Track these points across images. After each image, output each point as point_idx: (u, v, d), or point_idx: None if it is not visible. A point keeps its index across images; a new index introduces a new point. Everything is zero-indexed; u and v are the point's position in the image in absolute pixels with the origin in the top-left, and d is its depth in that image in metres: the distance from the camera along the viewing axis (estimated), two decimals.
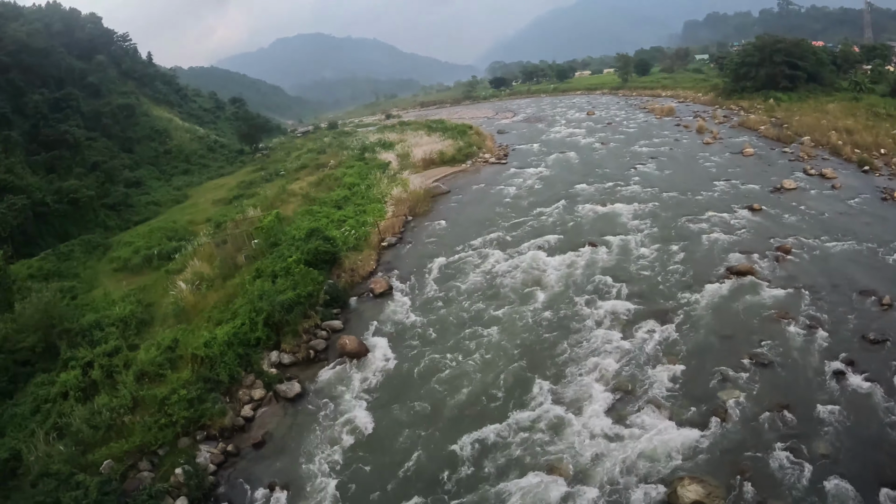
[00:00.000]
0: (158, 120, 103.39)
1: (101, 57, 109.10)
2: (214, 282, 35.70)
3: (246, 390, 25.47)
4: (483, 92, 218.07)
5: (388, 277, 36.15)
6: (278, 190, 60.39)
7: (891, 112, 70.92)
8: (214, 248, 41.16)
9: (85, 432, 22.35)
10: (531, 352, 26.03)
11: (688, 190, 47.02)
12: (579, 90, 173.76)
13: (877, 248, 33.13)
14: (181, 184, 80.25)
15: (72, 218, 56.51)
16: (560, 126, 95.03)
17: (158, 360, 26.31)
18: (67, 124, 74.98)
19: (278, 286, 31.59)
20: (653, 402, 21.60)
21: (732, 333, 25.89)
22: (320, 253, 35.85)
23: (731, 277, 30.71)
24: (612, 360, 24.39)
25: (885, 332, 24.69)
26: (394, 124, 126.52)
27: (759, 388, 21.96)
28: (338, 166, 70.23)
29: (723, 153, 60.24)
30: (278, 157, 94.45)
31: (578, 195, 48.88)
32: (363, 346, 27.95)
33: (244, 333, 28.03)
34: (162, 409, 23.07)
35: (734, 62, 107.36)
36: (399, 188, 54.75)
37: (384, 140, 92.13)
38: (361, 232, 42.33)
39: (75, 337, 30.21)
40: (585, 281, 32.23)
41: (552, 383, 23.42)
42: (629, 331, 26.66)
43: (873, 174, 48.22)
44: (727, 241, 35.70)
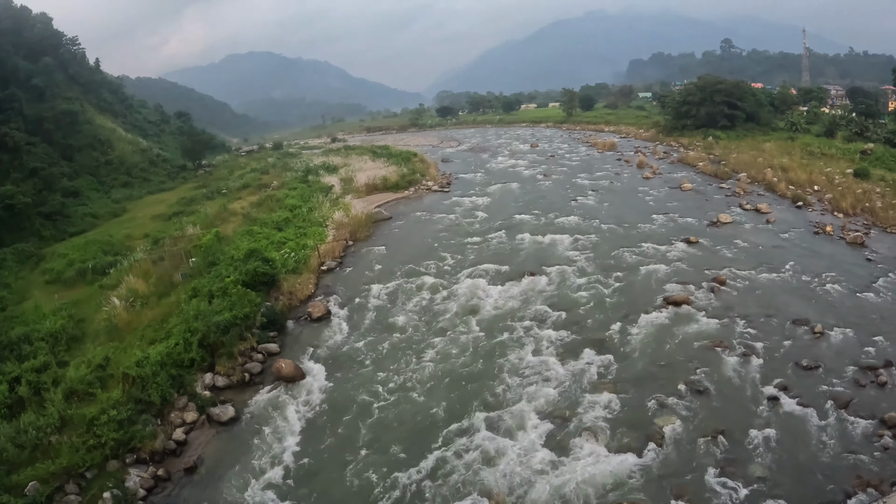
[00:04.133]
0: (101, 129, 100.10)
1: (49, 59, 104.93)
2: (149, 299, 34.72)
3: (178, 413, 24.62)
4: (429, 120, 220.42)
5: (327, 302, 35.73)
6: (219, 208, 59.43)
7: (825, 151, 74.35)
8: (151, 264, 40.20)
9: (10, 451, 21.15)
10: (469, 379, 26.02)
11: (627, 222, 48.11)
12: (524, 122, 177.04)
13: (809, 280, 34.53)
14: (120, 196, 77.75)
15: (6, 225, 53.97)
16: (504, 157, 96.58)
17: (88, 378, 25.21)
18: (8, 126, 71.97)
19: (215, 306, 30.77)
20: (590, 430, 21.74)
21: (669, 361, 26.43)
22: (259, 274, 35.20)
23: (667, 307, 31.43)
24: (549, 388, 24.56)
25: (817, 358, 25.67)
26: (339, 148, 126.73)
27: (696, 414, 22.42)
28: (280, 187, 69.73)
29: (662, 187, 61.90)
30: (221, 174, 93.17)
31: (519, 225, 49.48)
32: (299, 371, 27.50)
33: (178, 354, 27.12)
34: (91, 430, 21.99)
35: (676, 101, 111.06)
36: (341, 212, 54.53)
37: (328, 163, 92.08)
38: (301, 255, 41.85)
39: (2, 350, 28.90)
40: (524, 309, 32.50)
41: (489, 411, 23.40)
42: (567, 359, 26.90)
43: (807, 209, 50.25)
44: (664, 272, 36.60)
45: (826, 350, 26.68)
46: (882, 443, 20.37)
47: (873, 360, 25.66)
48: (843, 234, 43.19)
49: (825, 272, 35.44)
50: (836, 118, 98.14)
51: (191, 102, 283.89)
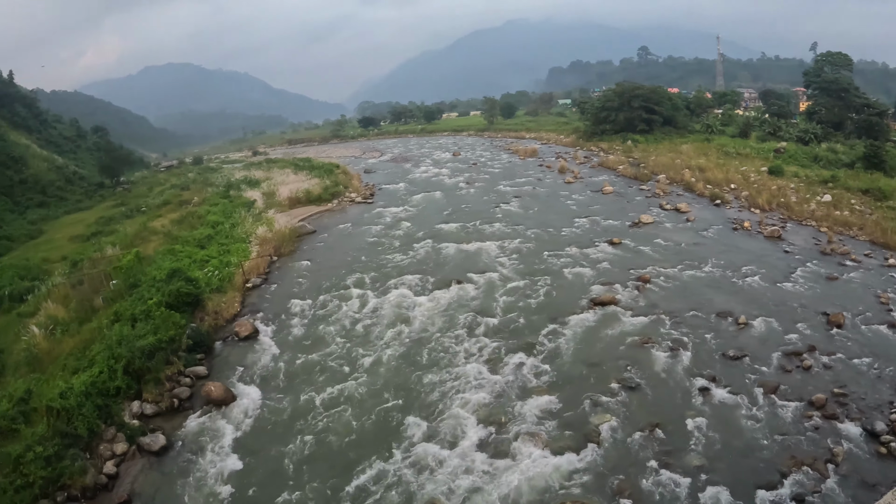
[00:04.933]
0: (15, 146, 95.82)
1: None
2: (70, 326, 33.11)
3: (107, 445, 23.55)
4: (351, 131, 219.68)
5: (254, 320, 35.09)
6: (139, 227, 57.66)
7: (740, 151, 78.79)
8: (70, 288, 38.54)
9: None
10: (402, 391, 26.07)
11: (551, 227, 49.12)
12: (446, 131, 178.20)
13: (730, 274, 36.26)
14: (36, 217, 74.56)
15: None
16: (426, 166, 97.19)
17: (10, 413, 23.83)
18: None
19: (138, 330, 29.58)
20: (527, 433, 22.12)
21: (600, 361, 27.17)
22: (182, 295, 34.15)
23: (594, 308, 32.34)
24: (483, 395, 24.87)
25: (743, 348, 27.07)
26: (261, 161, 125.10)
27: (630, 410, 23.15)
28: (202, 203, 68.20)
29: (584, 191, 63.55)
30: (140, 192, 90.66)
31: (444, 234, 49.91)
32: (230, 393, 26.90)
33: (103, 382, 25.98)
34: (17, 469, 20.84)
35: (595, 107, 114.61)
36: (264, 227, 53.87)
37: (250, 177, 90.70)
38: (225, 273, 41.01)
39: None
40: (453, 318, 32.83)
41: (426, 421, 23.53)
42: (499, 365, 27.31)
43: (725, 207, 52.74)
44: (590, 274, 37.61)
45: (751, 340, 28.11)
46: (812, 423, 21.77)
47: (797, 346, 27.37)
48: (760, 228, 45.47)
49: (745, 266, 37.28)
50: (749, 119, 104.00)
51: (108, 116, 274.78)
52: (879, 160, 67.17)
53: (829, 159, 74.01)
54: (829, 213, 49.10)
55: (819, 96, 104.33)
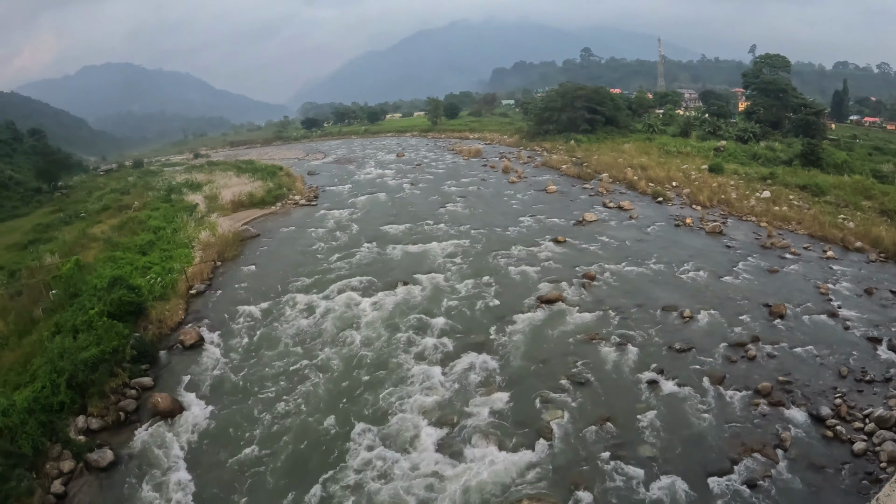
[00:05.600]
0: None
1: None
2: (9, 339, 32.04)
3: (54, 463, 22.79)
4: (294, 132, 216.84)
5: (199, 327, 34.37)
6: (78, 234, 55.90)
7: (681, 150, 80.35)
8: (8, 299, 37.37)
9: None
10: (353, 395, 26.00)
11: (496, 226, 49.44)
12: (390, 132, 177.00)
13: (674, 268, 37.19)
14: None
15: None
16: (370, 167, 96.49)
17: None
18: None
19: (80, 342, 28.70)
20: (479, 432, 22.34)
21: (548, 357, 27.57)
22: (124, 303, 33.17)
23: (542, 306, 32.77)
24: (434, 396, 25.03)
25: (688, 341, 27.91)
26: (202, 164, 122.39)
27: (581, 405, 23.59)
28: (142, 208, 66.36)
29: (528, 191, 64.11)
30: (79, 197, 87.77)
31: (389, 235, 49.83)
32: (177, 404, 26.35)
33: (46, 398, 25.10)
34: None
35: (538, 107, 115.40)
36: (207, 232, 52.96)
37: (192, 181, 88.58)
38: (168, 279, 40.08)
39: None
40: (401, 319, 32.85)
41: (378, 425, 23.49)
42: (448, 365, 27.48)
43: (667, 204, 53.85)
44: (536, 273, 38.03)
45: (696, 332, 28.96)
46: (759, 410, 22.80)
47: (741, 337, 28.37)
48: (702, 224, 46.64)
49: (688, 261, 38.24)
50: (690, 119, 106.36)
51: (45, 118, 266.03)
52: (816, 157, 70.08)
53: (767, 157, 76.47)
54: (768, 209, 50.73)
55: (757, 97, 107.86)
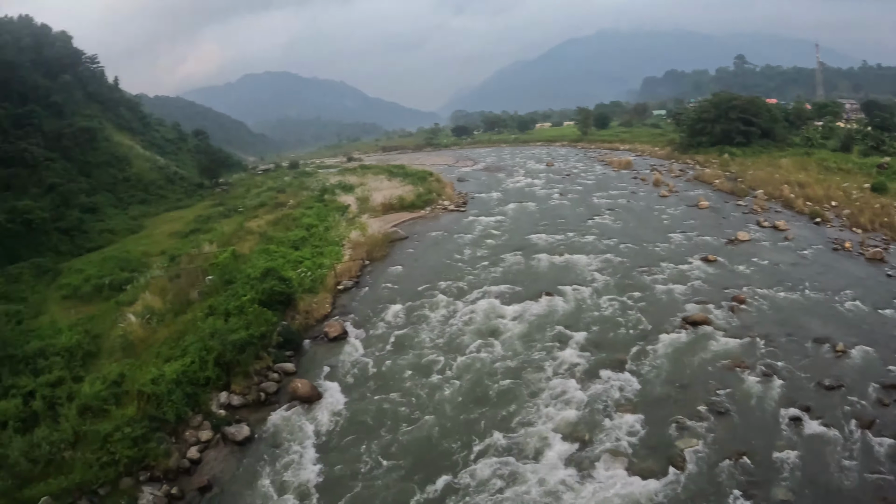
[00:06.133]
0: (119, 146, 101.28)
1: (68, 77, 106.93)
2: (165, 316, 34.54)
3: (193, 431, 24.43)
4: (445, 139, 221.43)
5: (343, 321, 35.42)
6: (236, 227, 59.70)
7: (841, 166, 74.02)
8: (168, 281, 40.06)
9: (22, 465, 21.15)
10: (487, 401, 25.64)
11: (644, 241, 47.73)
12: (539, 142, 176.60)
13: (830, 297, 34.11)
14: (138, 213, 78.21)
15: (23, 240, 54.47)
16: (519, 176, 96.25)
17: (103, 394, 25.17)
18: (27, 142, 73.07)
19: (231, 325, 30.60)
20: (610, 452, 21.38)
21: (689, 382, 26.05)
22: (275, 293, 35.05)
23: (686, 327, 31.03)
24: (569, 410, 24.20)
25: (839, 378, 25.21)
26: (355, 167, 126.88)
27: (717, 436, 22.04)
28: (297, 206, 69.72)
29: (678, 206, 61.58)
30: (238, 193, 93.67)
31: (536, 245, 49.20)
32: (315, 391, 27.25)
33: (193, 372, 26.97)
34: (105, 447, 21.95)
35: (691, 118, 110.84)
36: (357, 231, 54.62)
37: (344, 182, 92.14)
38: (318, 274, 41.79)
39: (17, 364, 28.98)
40: (542, 330, 32.12)
41: (508, 433, 23.02)
42: (586, 380, 26.52)
43: (825, 226, 49.86)
44: (683, 292, 36.21)
45: (848, 369, 26.29)
46: None
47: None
48: (862, 249, 42.75)
49: (845, 289, 35.08)
50: (851, 132, 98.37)
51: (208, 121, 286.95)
52: None
53: None
54: None
55: None
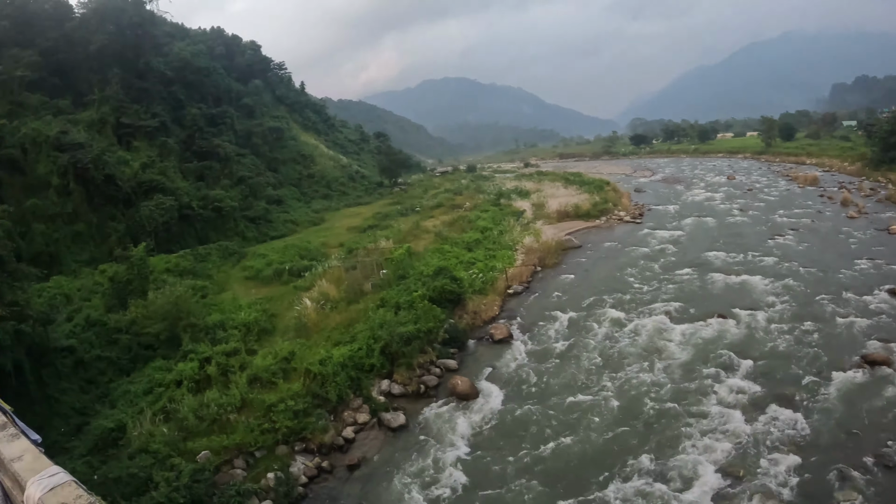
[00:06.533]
0: (305, 145, 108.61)
1: (258, 81, 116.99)
2: (339, 304, 36.39)
3: (351, 412, 25.55)
4: (622, 148, 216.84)
5: (510, 325, 35.37)
6: (412, 225, 61.50)
7: None
8: (343, 272, 41.98)
9: (190, 421, 23.43)
10: (643, 420, 24.47)
11: (827, 267, 43.71)
12: (720, 152, 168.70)
13: None
14: (319, 207, 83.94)
15: (213, 224, 60.03)
16: (699, 189, 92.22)
17: (273, 368, 27.18)
18: (220, 139, 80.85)
19: (400, 318, 31.67)
20: (763, 494, 19.64)
21: (859, 428, 23.38)
22: (445, 292, 35.76)
23: (865, 367, 27.91)
24: (727, 442, 22.52)
25: None
26: (531, 173, 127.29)
27: (882, 493, 19.66)
28: (472, 209, 70.76)
29: (867, 229, 55.98)
30: (415, 193, 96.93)
31: (711, 262, 46.63)
32: (474, 389, 27.38)
33: (359, 358, 28.29)
34: (267, 415, 23.69)
35: (884, 130, 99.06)
36: (531, 237, 54.36)
37: (520, 188, 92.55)
38: (489, 276, 41.97)
39: (198, 332, 31.98)
40: (709, 354, 30.20)
41: (660, 457, 21.81)
42: (750, 413, 24.59)
43: None
44: (864, 327, 32.60)
45: None
46: None
47: None
48: None
49: None
50: None
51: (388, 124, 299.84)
52: None
53: None
54: None
55: None
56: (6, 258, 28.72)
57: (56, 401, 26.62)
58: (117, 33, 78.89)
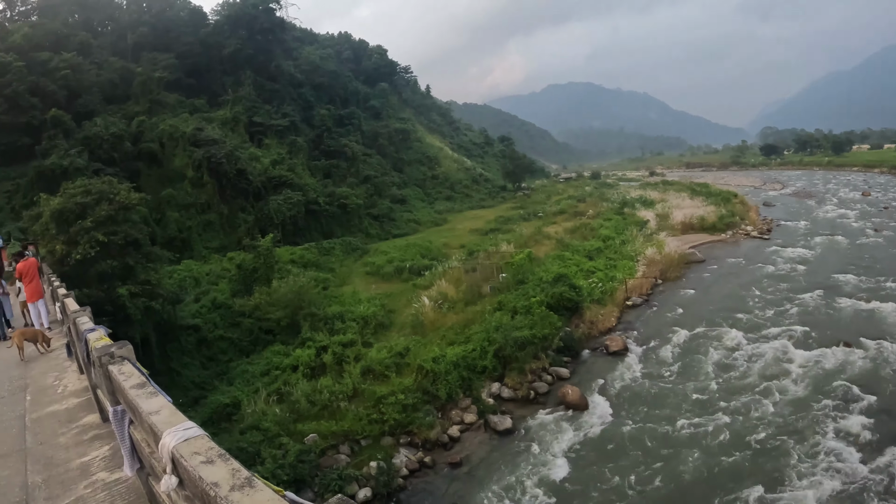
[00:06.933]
0: (430, 147, 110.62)
1: (384, 84, 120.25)
2: (456, 304, 36.68)
3: (459, 412, 25.65)
4: (752, 159, 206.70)
5: (626, 337, 34.27)
6: (534, 230, 61.07)
7: None
8: (463, 273, 42.35)
9: (302, 404, 24.57)
10: (751, 449, 22.95)
11: None
12: (856, 166, 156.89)
13: None
14: (442, 208, 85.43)
15: (338, 220, 62.33)
16: (831, 205, 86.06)
17: (387, 361, 27.87)
18: (347, 139, 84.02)
19: (516, 322, 31.52)
20: None
21: None
22: (564, 299, 35.20)
23: None
24: (839, 482, 20.93)
25: None
26: (656, 182, 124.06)
27: None
28: (595, 217, 69.62)
29: None
30: (538, 198, 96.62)
31: (840, 286, 43.39)
32: (584, 400, 26.72)
33: (472, 359, 28.33)
34: (377, 406, 24.28)
35: None
36: (653, 248, 52.84)
37: (645, 197, 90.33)
38: (608, 286, 41.12)
39: (318, 322, 33.39)
40: (830, 385, 28.01)
41: (768, 490, 20.37)
42: (868, 454, 22.69)
43: None
44: None
45: None
46: None
47: None
48: None
49: None
50: None
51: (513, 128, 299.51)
52: None
53: None
54: None
55: None
56: (142, 241, 31.37)
57: (178, 374, 28.99)
58: (249, 38, 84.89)
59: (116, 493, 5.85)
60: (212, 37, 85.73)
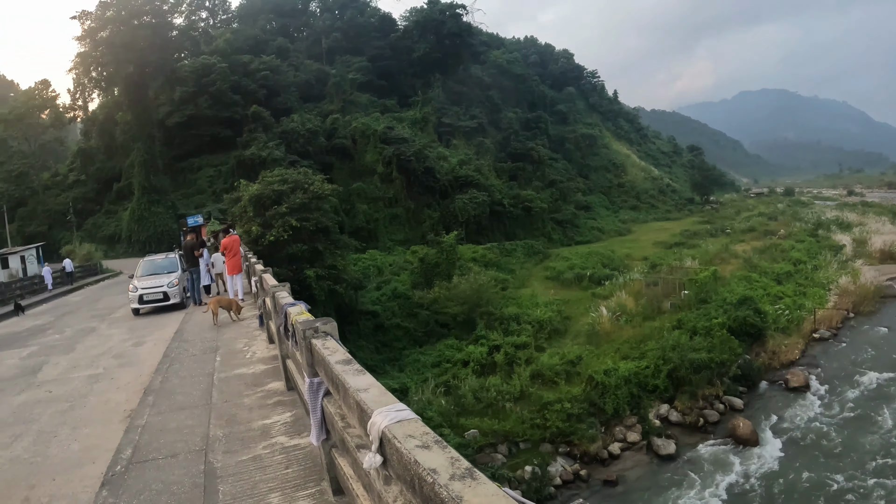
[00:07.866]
0: (616, 154, 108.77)
1: (571, 89, 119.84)
2: (634, 318, 35.95)
3: (623, 429, 25.17)
4: None
5: (808, 373, 31.40)
6: (720, 247, 58.16)
7: None
8: (644, 286, 41.32)
9: (468, 399, 25.27)
10: None
11: None
12: None
13: None
14: (626, 218, 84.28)
15: (521, 222, 63.17)
16: None
17: (557, 367, 28.01)
18: (534, 142, 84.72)
19: (694, 343, 30.09)
20: None
21: None
22: (746, 324, 33.20)
23: None
24: None
25: None
26: (855, 203, 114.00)
27: None
28: (787, 237, 64.97)
29: None
30: (727, 213, 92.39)
31: None
32: (755, 436, 25.04)
33: (645, 376, 27.64)
34: (541, 412, 24.44)
35: None
36: (847, 277, 48.67)
37: (841, 219, 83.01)
38: (795, 315, 38.06)
39: (493, 321, 34.18)
40: None
41: None
42: None
43: None
44: None
45: None
46: None
47: None
48: None
49: None
50: None
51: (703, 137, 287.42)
52: None
53: None
54: None
55: None
56: (331, 229, 34.04)
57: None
58: (437, 42, 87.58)
59: (293, 458, 6.18)
60: (401, 41, 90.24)
